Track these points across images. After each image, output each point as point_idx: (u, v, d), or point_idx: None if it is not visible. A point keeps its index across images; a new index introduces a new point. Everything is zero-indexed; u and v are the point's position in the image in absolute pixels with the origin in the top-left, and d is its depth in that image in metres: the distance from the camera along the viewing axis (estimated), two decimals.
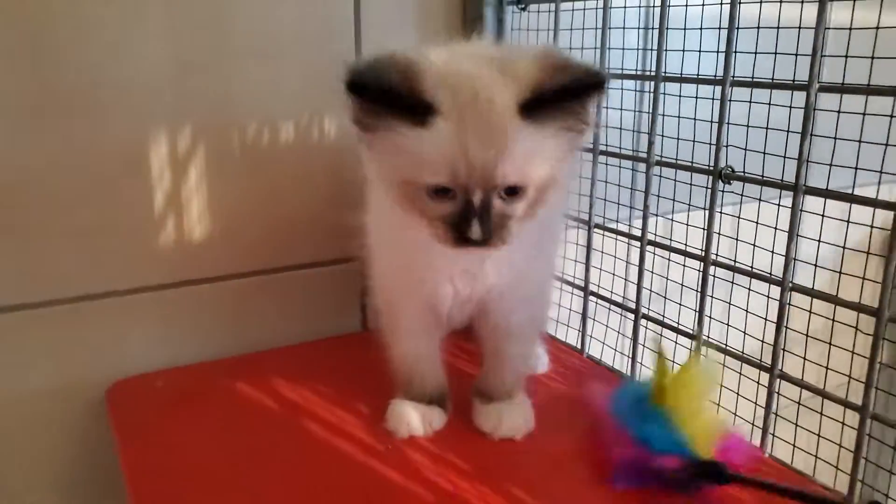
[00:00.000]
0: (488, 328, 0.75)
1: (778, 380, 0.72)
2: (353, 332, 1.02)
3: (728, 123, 0.74)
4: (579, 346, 0.96)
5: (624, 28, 0.94)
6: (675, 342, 0.86)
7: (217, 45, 0.85)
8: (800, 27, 0.69)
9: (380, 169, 0.62)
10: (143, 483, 0.67)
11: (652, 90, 0.80)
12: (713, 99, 0.75)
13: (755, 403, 0.78)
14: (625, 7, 0.95)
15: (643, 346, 0.89)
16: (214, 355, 0.92)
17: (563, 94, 0.56)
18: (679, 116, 0.85)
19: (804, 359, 0.78)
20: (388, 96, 0.55)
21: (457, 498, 0.64)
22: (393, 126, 0.56)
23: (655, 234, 0.87)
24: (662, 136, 0.83)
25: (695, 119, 0.84)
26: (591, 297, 0.95)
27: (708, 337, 0.80)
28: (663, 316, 0.88)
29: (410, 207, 0.60)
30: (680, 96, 0.84)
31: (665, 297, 0.95)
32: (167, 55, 0.82)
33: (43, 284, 0.82)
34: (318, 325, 0.99)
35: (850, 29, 0.64)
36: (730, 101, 0.73)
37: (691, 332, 0.81)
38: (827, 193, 0.66)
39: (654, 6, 0.82)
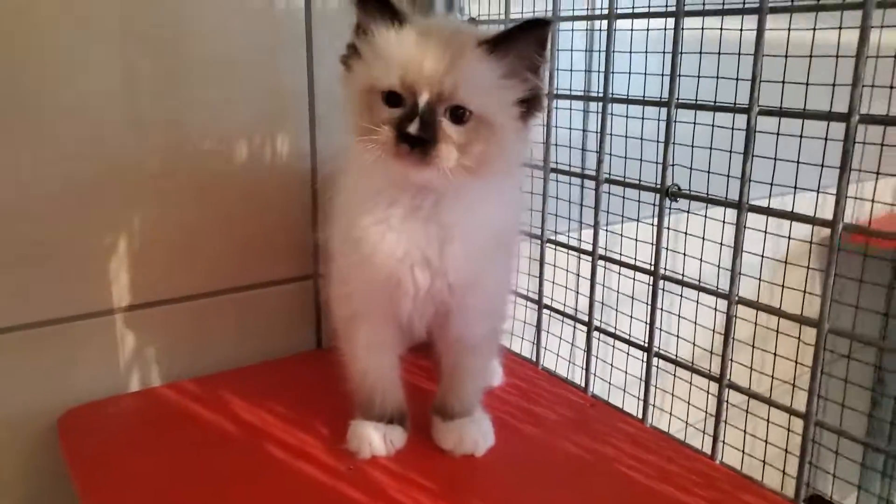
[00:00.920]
0: (448, 342, 0.76)
1: (727, 389, 0.75)
2: (309, 350, 1.02)
3: (674, 143, 0.77)
4: (534, 359, 0.98)
5: (571, 49, 0.97)
6: (627, 353, 0.89)
7: (167, 66, 0.84)
8: (739, 53, 0.72)
9: (352, 82, 0.66)
10: None
11: (600, 111, 0.83)
12: (658, 120, 0.78)
13: (705, 412, 0.81)
14: (572, 29, 0.98)
15: (596, 357, 0.92)
16: (169, 379, 0.91)
17: (515, 34, 0.62)
18: (626, 136, 0.88)
19: (751, 368, 0.82)
20: (381, 3, 0.63)
21: None
22: (375, 28, 0.63)
23: (606, 249, 0.90)
24: (611, 154, 0.86)
25: (641, 139, 0.87)
26: (545, 310, 0.97)
27: (659, 348, 0.83)
28: (615, 328, 0.90)
29: (368, 118, 0.64)
30: (627, 116, 0.87)
31: (616, 310, 0.98)
32: (116, 77, 0.81)
33: None
34: (273, 344, 0.98)
35: (786, 56, 0.68)
36: (675, 121, 0.76)
37: (643, 344, 0.84)
38: (768, 211, 0.70)
39: (599, 29, 0.85)
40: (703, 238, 0.85)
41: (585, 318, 0.91)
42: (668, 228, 0.80)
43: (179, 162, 0.87)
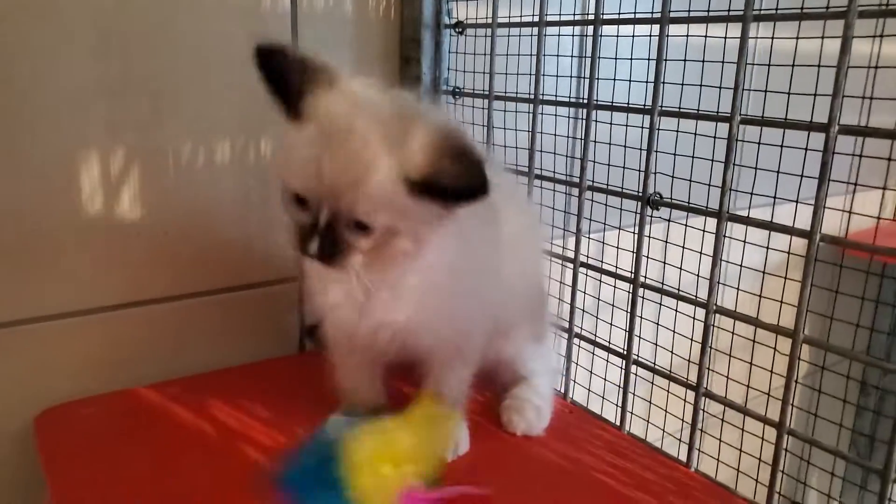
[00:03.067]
0: (416, 357, 0.75)
1: (703, 397, 0.75)
2: (291, 354, 1.01)
3: (656, 151, 0.77)
4: None
5: (558, 55, 0.97)
6: (607, 360, 0.89)
7: (151, 66, 0.84)
8: (724, 61, 0.73)
9: (273, 160, 0.64)
10: None
11: (584, 117, 0.83)
12: (642, 127, 0.78)
13: (682, 420, 0.81)
14: (559, 35, 0.98)
15: (576, 364, 0.92)
16: (149, 379, 0.90)
17: (443, 191, 0.56)
18: (610, 143, 0.88)
19: (727, 377, 0.82)
20: (279, 80, 0.58)
21: None
22: (282, 112, 0.59)
23: (588, 256, 0.90)
24: (594, 161, 0.86)
25: (625, 146, 0.87)
26: None
27: (638, 356, 0.83)
28: (595, 335, 0.90)
29: (285, 210, 0.62)
30: (611, 123, 0.87)
31: (597, 317, 0.98)
32: (98, 76, 0.81)
33: None
34: (254, 347, 0.98)
35: (769, 65, 0.68)
36: (658, 129, 0.76)
37: (622, 351, 0.84)
38: (748, 221, 0.70)
39: (587, 35, 0.85)
40: (683, 247, 0.85)
41: (566, 325, 0.91)
42: (649, 237, 0.80)
43: (161, 163, 0.87)
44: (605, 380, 0.93)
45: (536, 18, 0.87)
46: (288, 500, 0.58)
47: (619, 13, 0.82)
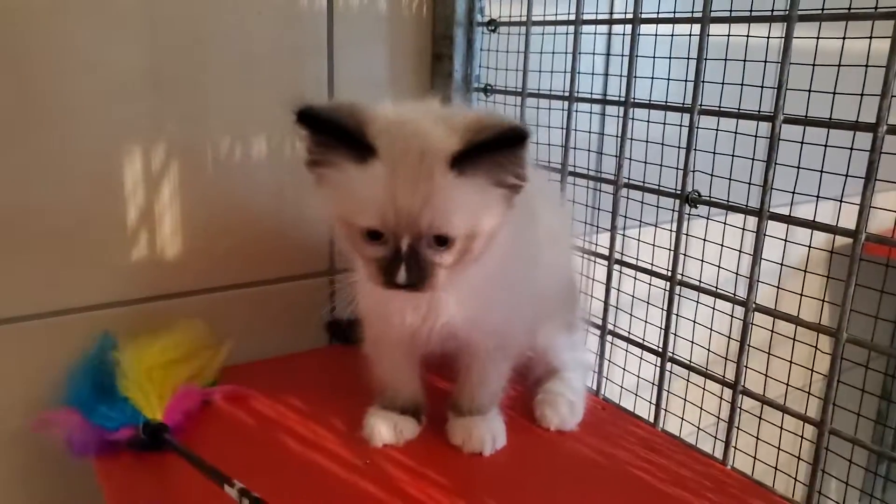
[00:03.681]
0: (458, 349, 0.76)
1: (741, 395, 0.76)
2: (322, 346, 1.02)
3: (695, 150, 0.77)
4: None
5: (594, 53, 0.97)
6: (641, 357, 0.89)
7: (192, 61, 0.85)
8: (766, 60, 0.73)
9: (325, 207, 0.64)
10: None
11: (622, 115, 0.83)
12: (680, 125, 0.78)
13: (718, 417, 0.82)
14: (595, 33, 0.98)
15: (609, 361, 0.92)
16: None
17: (489, 147, 0.58)
18: (647, 141, 0.89)
19: (765, 374, 0.82)
20: (334, 130, 0.58)
21: None
22: (337, 163, 0.59)
23: (622, 253, 0.90)
24: (630, 158, 0.86)
25: (663, 144, 0.87)
26: None
27: (673, 353, 0.83)
28: (629, 332, 0.91)
29: (350, 247, 0.63)
30: (648, 122, 0.87)
31: (631, 314, 0.98)
32: (142, 70, 0.82)
33: (8, 299, 0.80)
34: (288, 340, 0.99)
35: (814, 65, 0.68)
36: (697, 128, 0.76)
37: (657, 348, 0.84)
38: (789, 220, 0.70)
39: (625, 34, 0.85)
40: (722, 245, 0.85)
41: (599, 322, 0.91)
42: (687, 234, 0.80)
43: (201, 157, 0.88)
44: (638, 377, 0.93)
45: (572, 16, 0.88)
46: (75, 420, 0.72)
47: (658, 12, 0.82)
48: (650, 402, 0.86)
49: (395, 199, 0.57)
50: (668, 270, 0.81)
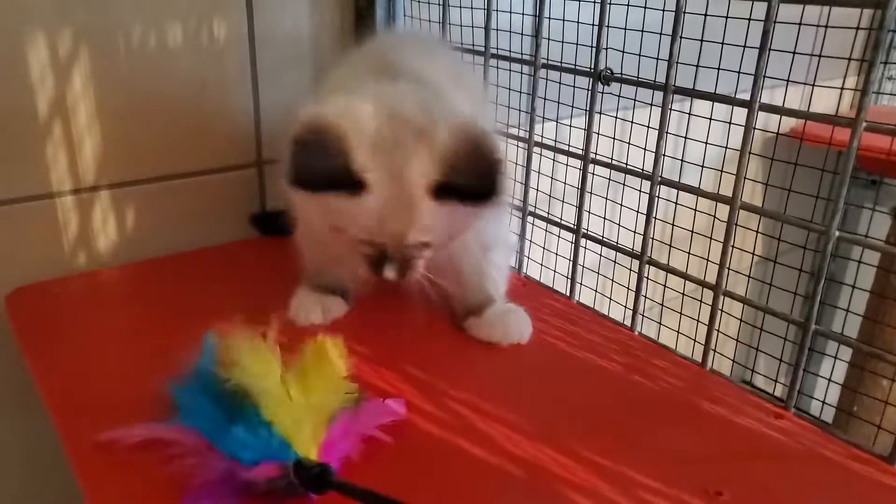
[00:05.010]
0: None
1: (647, 265, 0.80)
2: (252, 237, 1.03)
3: (608, 27, 0.78)
4: None
5: None
6: (558, 236, 0.92)
7: None
8: None
9: (311, 214, 0.69)
10: (52, 382, 0.68)
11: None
12: (594, 2, 0.78)
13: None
14: None
15: (530, 241, 0.96)
16: (112, 263, 0.92)
17: (465, 187, 0.62)
18: (563, 20, 0.89)
19: (688, 252, 0.86)
20: (329, 182, 0.62)
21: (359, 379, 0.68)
22: (330, 194, 0.63)
23: (542, 136, 0.92)
24: (549, 39, 0.87)
25: (578, 22, 0.88)
26: None
27: (587, 230, 0.87)
28: (560, 217, 0.93)
29: (339, 240, 0.67)
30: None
31: (562, 201, 1.01)
32: None
33: None
34: (214, 231, 0.99)
35: None
36: (609, 3, 0.77)
37: (571, 226, 0.87)
38: (692, 93, 0.72)
39: None
40: (648, 126, 0.85)
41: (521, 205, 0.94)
42: (600, 113, 0.82)
43: (113, 44, 0.86)
44: (556, 254, 0.97)
45: None
46: (198, 447, 0.53)
47: None
48: (567, 278, 0.90)
49: (384, 223, 0.63)
50: (582, 150, 0.84)
